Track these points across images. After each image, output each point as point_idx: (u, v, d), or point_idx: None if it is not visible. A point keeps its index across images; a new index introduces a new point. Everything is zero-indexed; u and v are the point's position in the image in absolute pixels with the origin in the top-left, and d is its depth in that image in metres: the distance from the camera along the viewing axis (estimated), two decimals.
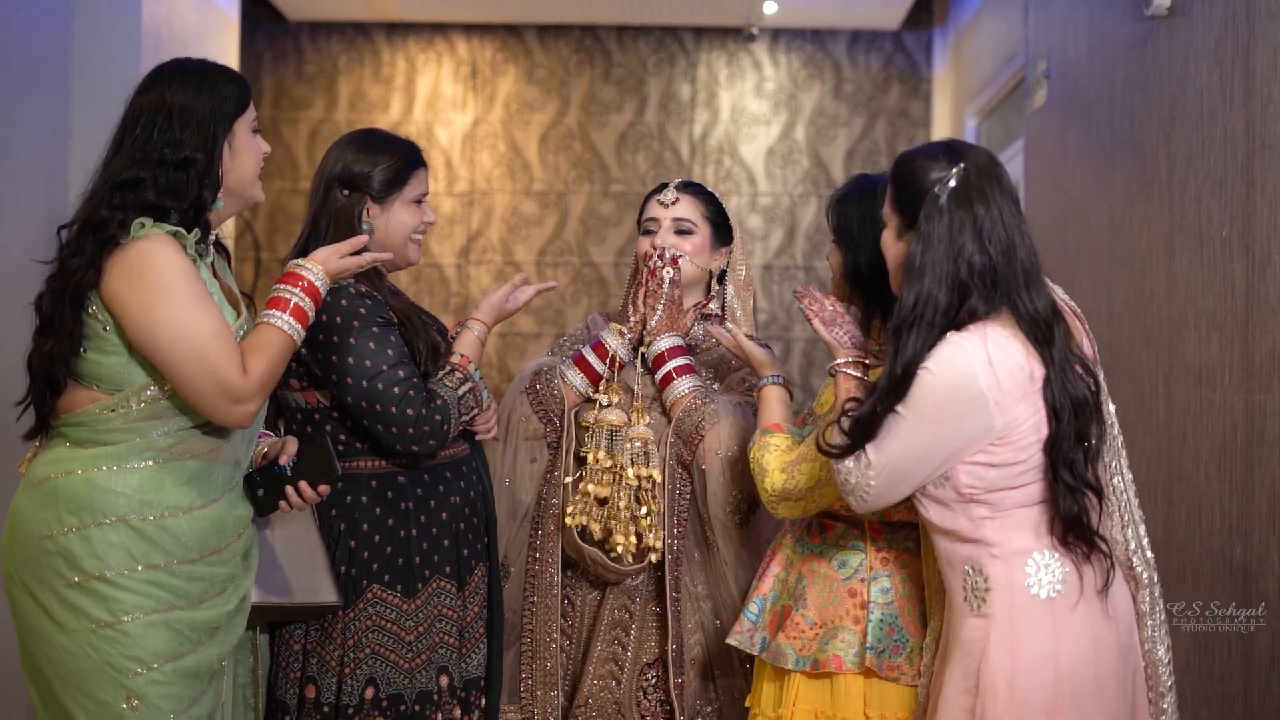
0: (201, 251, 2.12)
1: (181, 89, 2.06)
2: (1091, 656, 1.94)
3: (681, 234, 2.58)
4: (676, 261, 2.56)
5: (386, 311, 2.33)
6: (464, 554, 2.41)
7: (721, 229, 2.62)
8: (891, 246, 2.05)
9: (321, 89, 6.56)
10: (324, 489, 2.22)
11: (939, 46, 6.49)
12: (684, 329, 2.58)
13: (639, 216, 2.65)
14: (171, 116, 2.05)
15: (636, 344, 2.59)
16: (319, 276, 2.19)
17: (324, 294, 2.21)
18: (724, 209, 2.63)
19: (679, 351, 2.54)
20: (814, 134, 6.54)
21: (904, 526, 2.20)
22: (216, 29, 5.05)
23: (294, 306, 2.14)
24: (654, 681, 2.51)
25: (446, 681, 2.36)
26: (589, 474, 2.51)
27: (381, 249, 2.36)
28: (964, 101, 6.00)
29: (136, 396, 2.04)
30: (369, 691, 2.30)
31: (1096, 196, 3.87)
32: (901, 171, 2.02)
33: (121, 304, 2.01)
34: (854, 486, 1.97)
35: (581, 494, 2.51)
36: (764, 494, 2.22)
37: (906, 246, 1.98)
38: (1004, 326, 1.94)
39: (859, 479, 1.96)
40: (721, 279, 2.65)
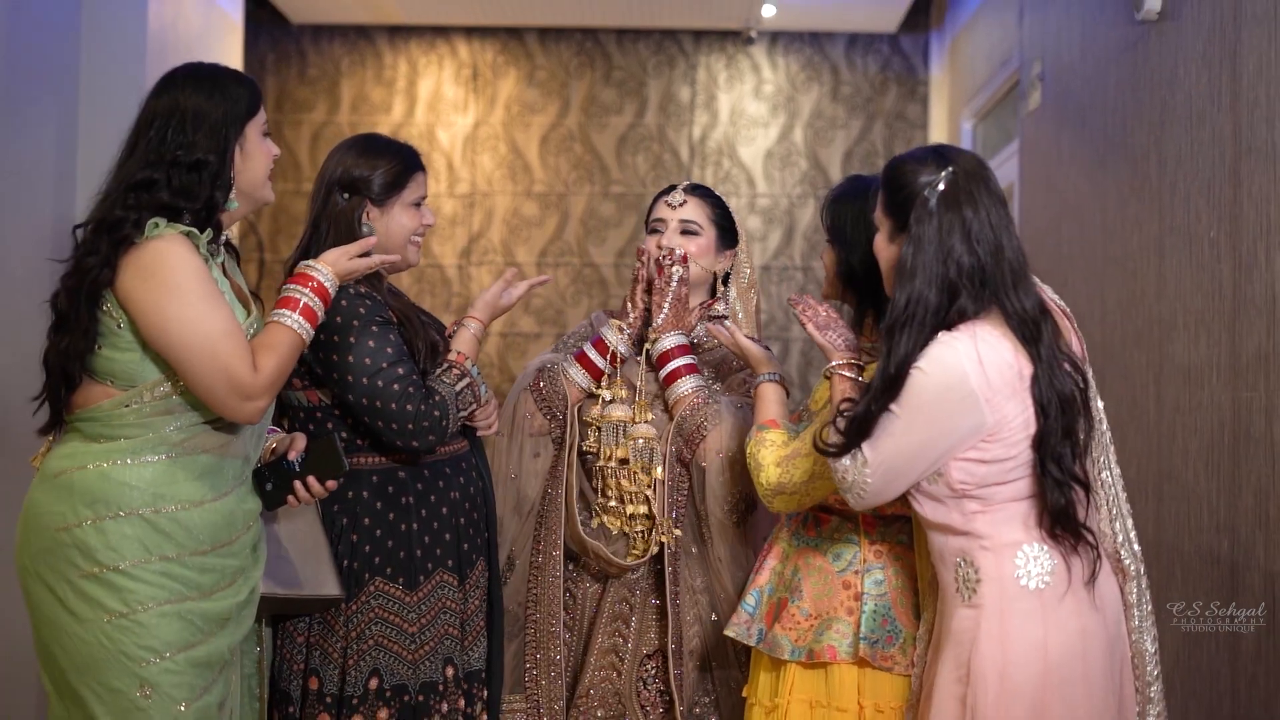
0: (213, 251, 2.14)
1: (194, 92, 2.10)
2: (1079, 646, 1.97)
3: (687, 235, 2.60)
4: (686, 260, 2.59)
5: (386, 311, 2.36)
6: (465, 548, 2.44)
7: (727, 232, 2.65)
8: (884, 250, 2.08)
9: (324, 91, 6.60)
10: (332, 484, 2.26)
11: (936, 49, 6.52)
12: (688, 327, 2.60)
13: (646, 217, 2.68)
14: (185, 119, 2.08)
15: (636, 339, 2.61)
16: (328, 277, 2.22)
17: (333, 295, 2.24)
18: (730, 212, 2.66)
19: (684, 350, 2.56)
20: (812, 136, 6.57)
21: (897, 520, 2.23)
22: (220, 32, 5.09)
23: (303, 306, 2.17)
24: (653, 672, 2.55)
25: (452, 672, 2.39)
26: (604, 473, 2.54)
27: (382, 251, 2.39)
28: (960, 104, 6.02)
29: (150, 392, 2.07)
30: (373, 682, 2.32)
31: (1089, 198, 3.90)
32: (892, 176, 2.06)
33: (135, 302, 2.03)
34: (851, 484, 2.00)
35: (594, 492, 2.55)
36: (760, 488, 2.25)
37: (898, 250, 2.01)
38: (993, 325, 1.97)
39: (856, 477, 1.99)
40: (725, 281, 2.67)
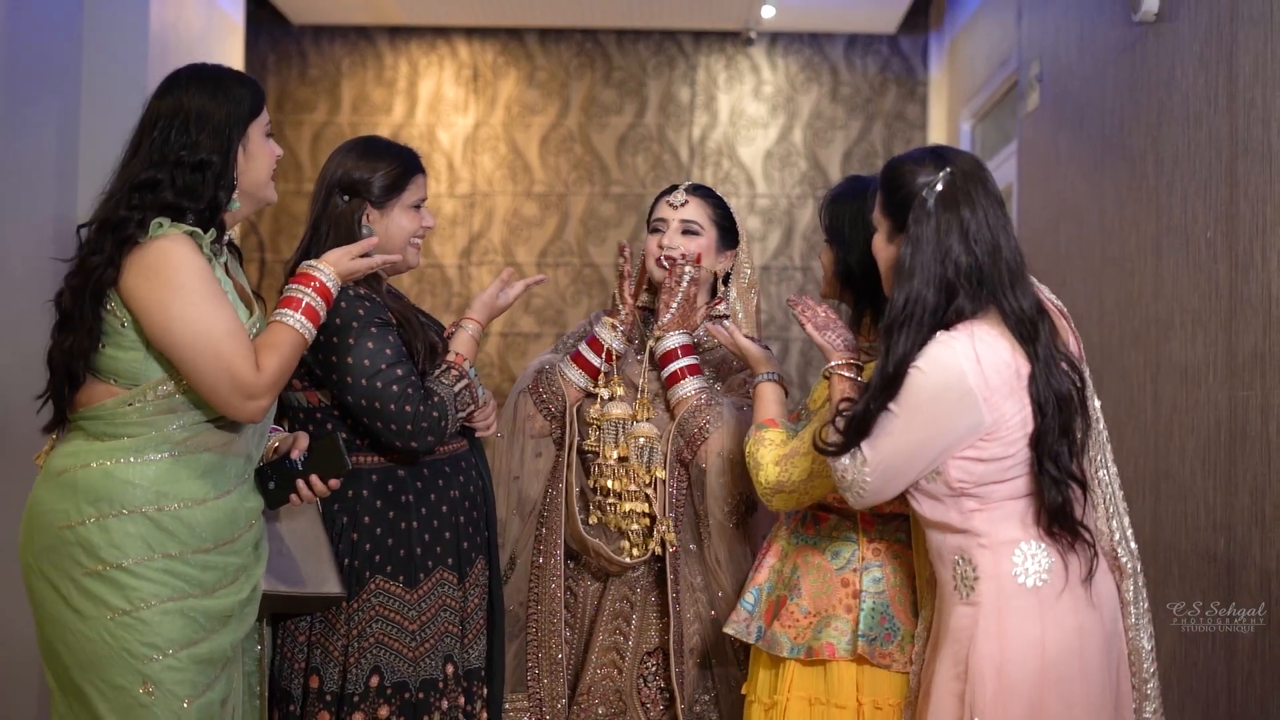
0: (216, 251, 2.15)
1: (198, 93, 2.10)
2: (1076, 643, 1.98)
3: (688, 235, 2.61)
4: (700, 260, 2.60)
5: (385, 313, 2.37)
6: (464, 546, 2.45)
7: (728, 233, 2.66)
8: (882, 250, 2.09)
9: (325, 92, 6.61)
10: (334, 483, 2.27)
11: (935, 50, 6.53)
12: (692, 327, 2.61)
13: (648, 216, 2.69)
14: (188, 120, 2.09)
15: (629, 335, 2.62)
16: (330, 277, 2.23)
17: (335, 295, 2.25)
18: (731, 213, 2.67)
19: (687, 351, 2.57)
20: (811, 136, 6.59)
21: (895, 518, 2.24)
22: (221, 33, 5.10)
23: (306, 306, 2.18)
24: (654, 670, 2.56)
25: (452, 670, 2.40)
26: (601, 470, 2.56)
27: (382, 253, 2.40)
28: (959, 104, 6.03)
29: (153, 391, 2.08)
30: (374, 680, 2.34)
31: (1087, 198, 3.91)
32: (890, 177, 2.07)
33: (139, 301, 2.04)
34: (851, 483, 2.01)
35: (600, 492, 2.56)
36: (759, 487, 2.26)
37: (897, 250, 2.02)
38: (991, 325, 1.98)
39: (855, 476, 2.00)
40: (726, 281, 2.68)
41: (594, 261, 6.55)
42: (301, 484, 2.26)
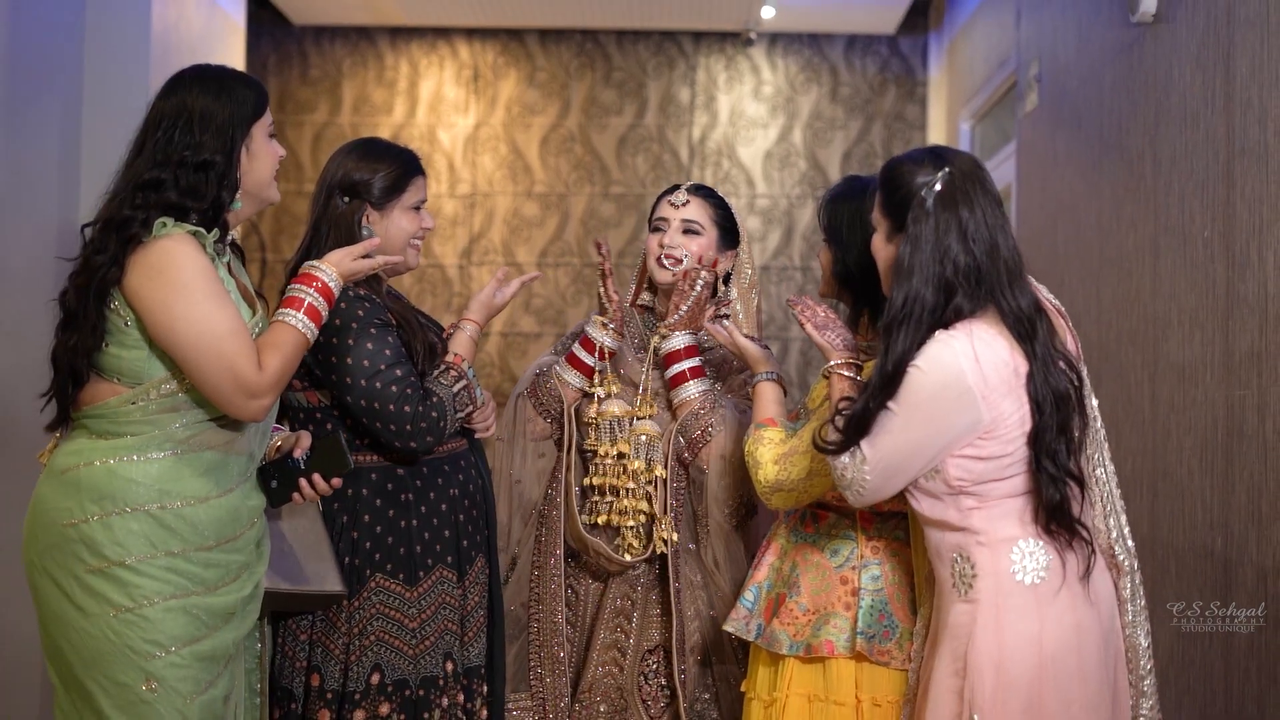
0: (219, 251, 2.17)
1: (201, 94, 2.12)
2: (1074, 640, 1.99)
3: (689, 234, 2.62)
4: (716, 265, 2.60)
5: (385, 313, 2.39)
6: (464, 545, 2.47)
7: (729, 233, 2.67)
8: (882, 249, 2.10)
9: (326, 92, 6.63)
10: (336, 481, 2.28)
11: (934, 51, 6.54)
12: (697, 328, 2.62)
13: (650, 215, 2.71)
14: (192, 120, 2.10)
15: (621, 331, 2.63)
16: (332, 278, 2.25)
17: (337, 295, 2.26)
18: (732, 214, 2.68)
19: (693, 352, 2.58)
20: (811, 137, 6.60)
21: (894, 516, 2.26)
22: (223, 33, 5.11)
23: (308, 306, 2.19)
24: (655, 668, 2.58)
25: (451, 667, 2.41)
26: (600, 468, 2.57)
27: (382, 254, 2.40)
28: (958, 105, 6.03)
29: (156, 390, 2.09)
30: (375, 678, 2.35)
31: (1085, 198, 3.92)
32: (889, 177, 2.08)
33: (143, 300, 2.06)
34: (850, 481, 2.02)
35: (594, 490, 2.57)
36: (758, 485, 2.27)
37: (896, 249, 2.03)
38: (989, 324, 1.99)
39: (855, 474, 2.01)
40: (727, 281, 2.69)
41: (594, 262, 6.56)
42: (304, 482, 2.27)
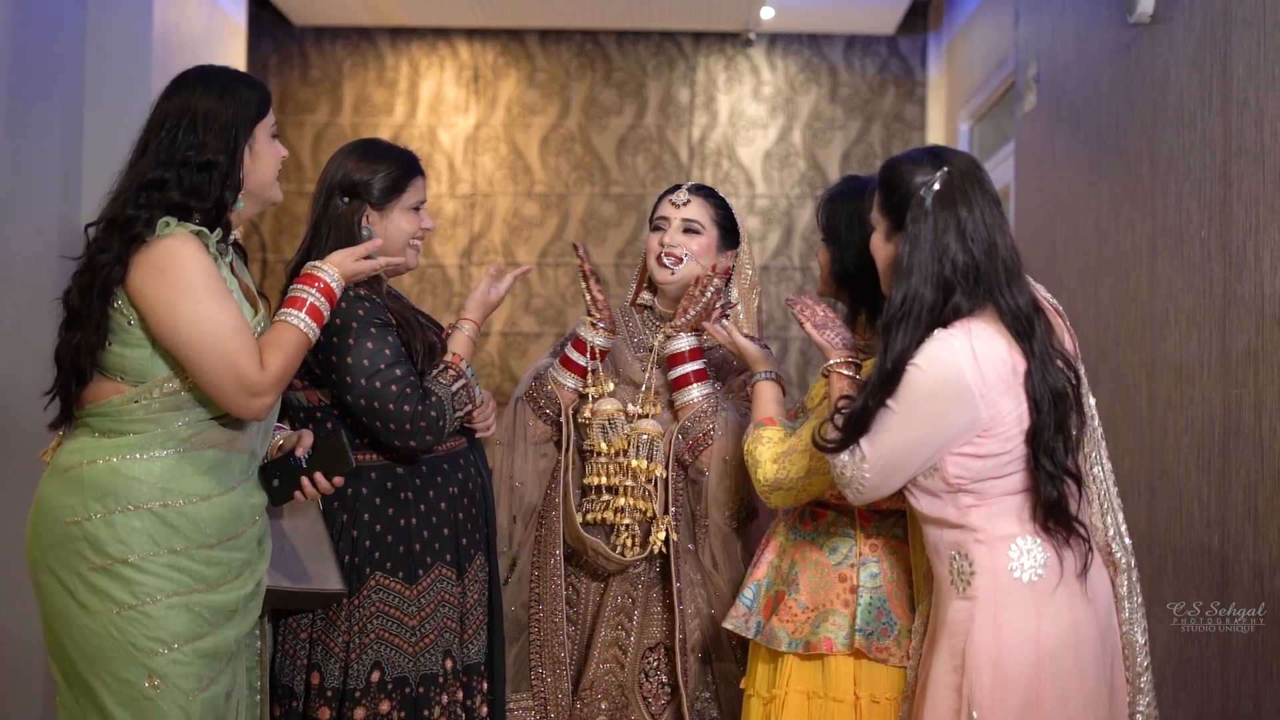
0: (222, 250, 2.17)
1: (205, 94, 2.12)
2: (1071, 637, 2.00)
3: (689, 233, 2.64)
4: (728, 273, 2.62)
5: (384, 313, 2.40)
6: (463, 543, 2.48)
7: (729, 233, 2.68)
8: (880, 248, 2.11)
9: (326, 93, 6.64)
10: (338, 480, 2.29)
11: (933, 51, 6.55)
12: (700, 330, 2.62)
13: (651, 215, 2.72)
14: (195, 120, 2.11)
15: (611, 329, 2.64)
16: (334, 278, 2.26)
17: (339, 295, 2.27)
18: (733, 214, 2.69)
19: (696, 355, 2.59)
20: (810, 137, 6.61)
21: (892, 514, 2.26)
22: (224, 34, 5.12)
23: (310, 306, 2.20)
24: (655, 665, 2.59)
25: (451, 665, 2.42)
26: (596, 467, 2.58)
27: (380, 254, 2.41)
28: (957, 105, 6.04)
29: (159, 388, 2.10)
30: (375, 675, 2.36)
31: (1084, 198, 3.93)
32: (888, 177, 2.08)
33: (146, 299, 2.06)
34: (850, 479, 2.03)
35: (592, 489, 2.59)
36: (757, 484, 2.28)
37: (895, 248, 2.04)
38: (988, 322, 2.00)
39: (854, 472, 2.02)
40: (727, 281, 2.70)
41: (594, 261, 6.57)
42: (305, 481, 2.28)
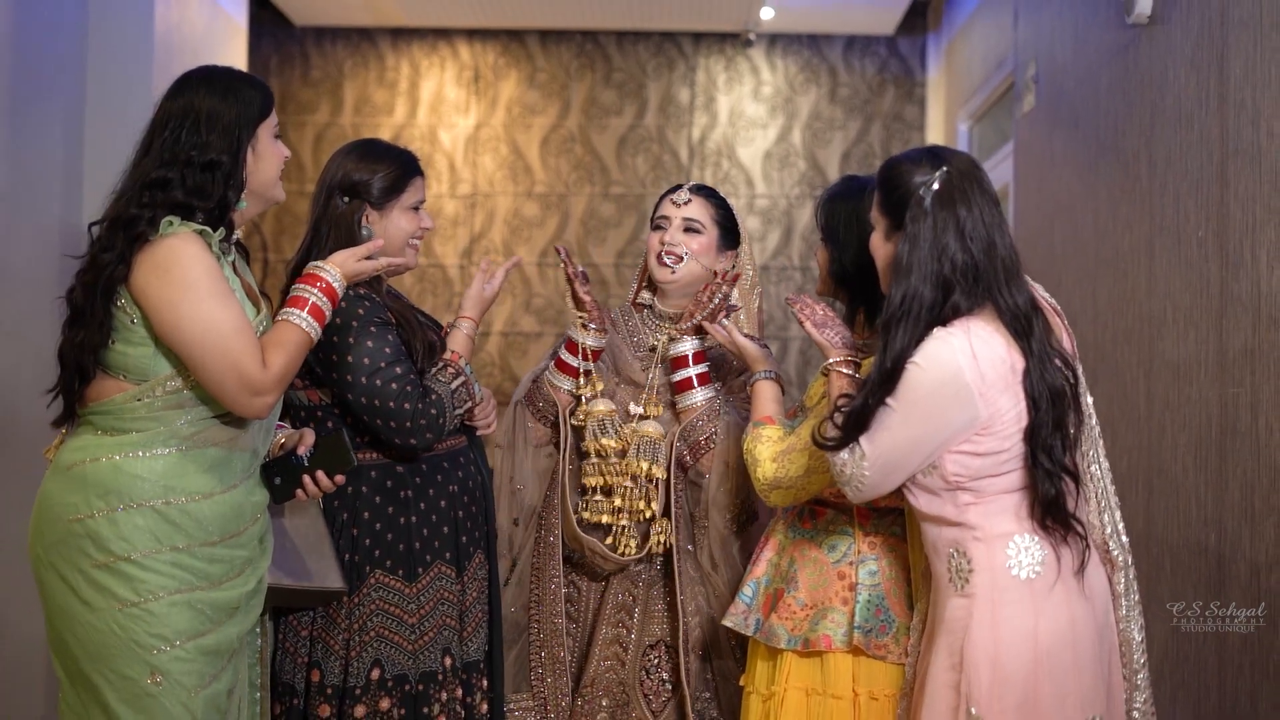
0: (225, 249, 2.18)
1: (208, 95, 2.14)
2: (1069, 634, 2.01)
3: (690, 232, 2.65)
4: (736, 279, 2.63)
5: (384, 312, 2.41)
6: (462, 541, 2.49)
7: (729, 233, 2.69)
8: (880, 247, 2.12)
9: (327, 93, 6.65)
10: (340, 478, 2.31)
11: (932, 52, 6.56)
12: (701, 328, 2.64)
13: (652, 214, 2.74)
14: (199, 120, 2.12)
15: (602, 328, 2.64)
16: (336, 278, 2.27)
17: (341, 295, 2.28)
18: (734, 215, 2.70)
19: (700, 358, 2.60)
20: (810, 137, 6.62)
21: (890, 512, 2.27)
22: (225, 34, 5.13)
23: (312, 305, 2.22)
24: (656, 662, 2.60)
25: (450, 662, 2.44)
26: (592, 469, 2.59)
27: (380, 253, 2.42)
28: (956, 105, 6.05)
29: (161, 387, 2.11)
30: (375, 673, 2.37)
31: (1082, 199, 3.94)
32: (888, 176, 2.09)
33: (149, 298, 2.07)
34: (850, 477, 2.04)
35: (590, 490, 2.59)
36: (756, 483, 2.29)
37: (894, 247, 2.05)
38: (986, 321, 2.01)
39: (854, 470, 2.03)
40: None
41: (594, 261, 6.59)
42: (307, 479, 2.29)
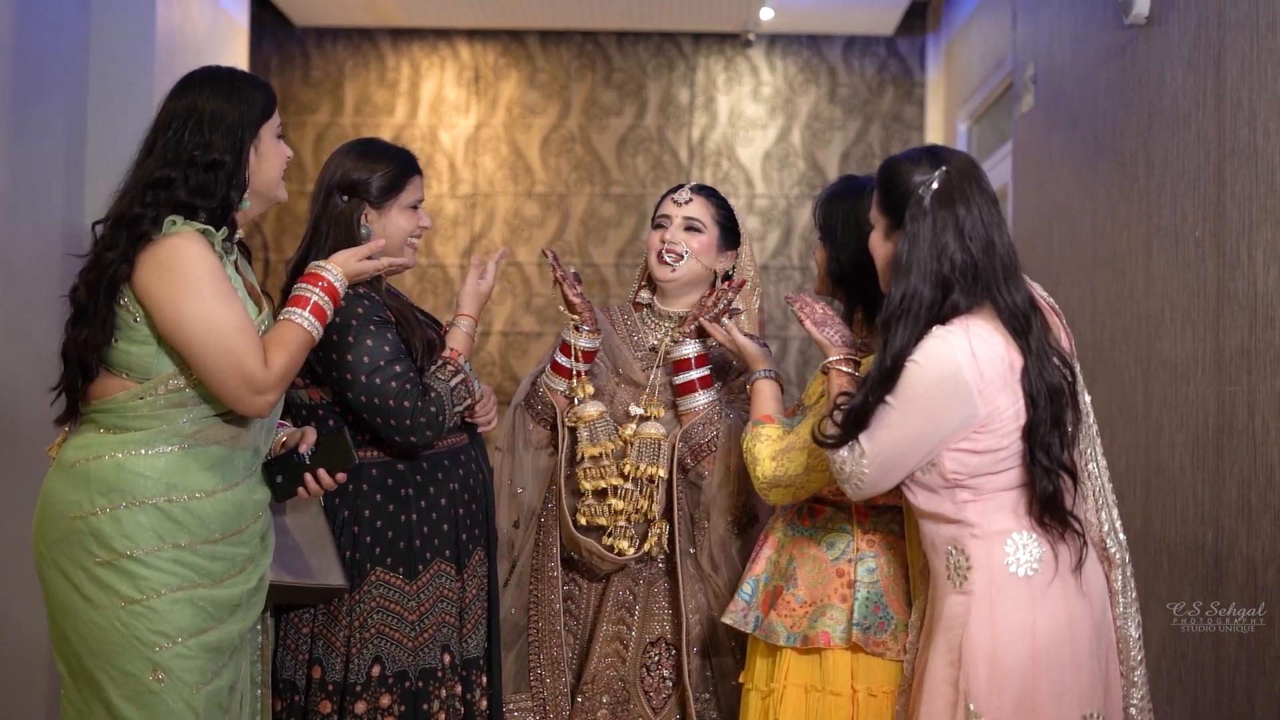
0: (227, 249, 2.19)
1: (212, 95, 2.15)
2: (1066, 631, 2.02)
3: (690, 231, 2.66)
4: (743, 285, 2.65)
5: (384, 311, 2.42)
6: (463, 538, 2.50)
7: (729, 233, 2.70)
8: (879, 246, 2.13)
9: (328, 94, 6.66)
10: (341, 476, 2.32)
11: (932, 52, 6.57)
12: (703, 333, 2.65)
13: (653, 213, 2.75)
14: (202, 121, 2.13)
15: (596, 328, 2.64)
16: (338, 277, 2.28)
17: (342, 294, 2.29)
18: (734, 215, 2.72)
19: (702, 361, 2.61)
20: (810, 137, 6.63)
21: (889, 510, 2.29)
22: (226, 35, 5.14)
23: (314, 305, 2.23)
24: (657, 659, 2.61)
25: (449, 659, 2.45)
26: (583, 472, 2.59)
27: (379, 252, 2.42)
28: (955, 105, 6.06)
29: (163, 385, 2.12)
30: (375, 669, 2.38)
31: (1080, 199, 3.95)
32: (887, 176, 2.10)
33: (152, 296, 2.08)
34: (849, 475, 2.05)
35: (583, 494, 2.60)
36: (756, 481, 2.30)
37: (893, 246, 2.06)
38: (985, 320, 2.02)
39: (854, 468, 2.03)
40: (726, 280, 2.72)
41: (595, 261, 6.60)
42: (309, 477, 2.30)
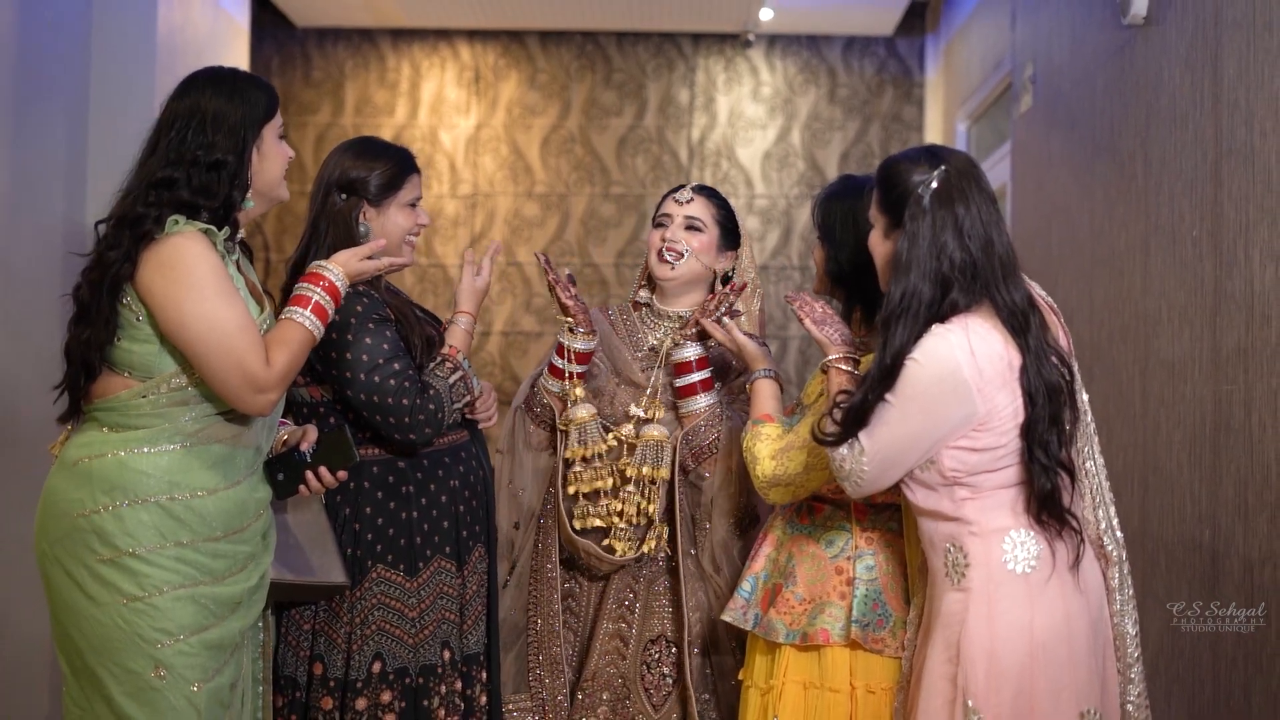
0: (229, 248, 2.20)
1: (214, 95, 2.16)
2: (1064, 628, 2.02)
3: (691, 230, 2.68)
4: (744, 289, 2.65)
5: (383, 309, 2.43)
6: (463, 535, 2.51)
7: (730, 233, 2.72)
8: (879, 245, 2.14)
9: (328, 94, 6.67)
10: (342, 474, 2.33)
11: (931, 52, 6.58)
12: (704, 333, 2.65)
13: (654, 213, 2.76)
14: (205, 121, 2.14)
15: (591, 329, 2.64)
16: (339, 277, 2.28)
17: (343, 294, 2.30)
18: (734, 216, 2.73)
19: (704, 364, 2.62)
20: (809, 137, 6.64)
21: (887, 508, 2.29)
22: (227, 36, 5.16)
23: (315, 304, 2.23)
24: (657, 657, 2.61)
25: (449, 655, 2.46)
26: (574, 476, 2.60)
27: (386, 255, 2.43)
28: (955, 106, 6.07)
29: (166, 383, 2.13)
30: (376, 666, 2.39)
31: (1079, 198, 3.96)
32: (887, 175, 2.11)
33: (154, 295, 2.09)
34: (849, 473, 2.05)
35: (584, 495, 2.61)
36: (756, 480, 2.30)
37: (893, 245, 2.07)
38: (984, 318, 2.02)
39: (853, 465, 2.04)
40: (725, 281, 2.73)
41: (595, 261, 6.61)
42: (310, 475, 2.32)
